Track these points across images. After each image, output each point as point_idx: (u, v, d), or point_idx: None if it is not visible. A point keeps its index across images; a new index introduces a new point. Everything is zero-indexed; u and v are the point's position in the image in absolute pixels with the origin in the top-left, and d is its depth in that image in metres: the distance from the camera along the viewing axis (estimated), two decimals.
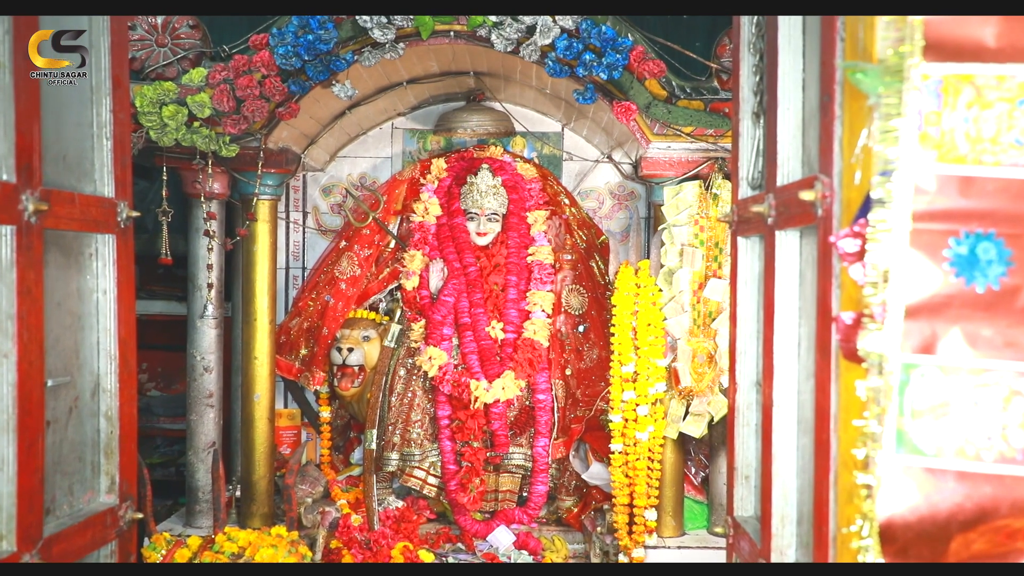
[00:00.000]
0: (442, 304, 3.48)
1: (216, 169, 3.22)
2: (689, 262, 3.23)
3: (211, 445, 3.33)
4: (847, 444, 1.48)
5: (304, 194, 3.78)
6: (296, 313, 3.62)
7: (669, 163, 3.26)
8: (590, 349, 3.54)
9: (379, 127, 3.81)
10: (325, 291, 3.60)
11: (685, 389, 3.25)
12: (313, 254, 3.78)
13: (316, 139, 3.53)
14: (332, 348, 3.53)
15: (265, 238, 3.34)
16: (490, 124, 3.52)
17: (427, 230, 3.57)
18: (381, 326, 3.62)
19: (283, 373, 3.57)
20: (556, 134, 3.81)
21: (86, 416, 2.01)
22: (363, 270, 3.60)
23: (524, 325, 3.48)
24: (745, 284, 2.08)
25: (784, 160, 1.83)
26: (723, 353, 3.17)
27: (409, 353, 3.55)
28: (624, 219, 3.81)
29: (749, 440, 2.06)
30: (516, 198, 3.58)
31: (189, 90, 3.01)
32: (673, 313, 3.26)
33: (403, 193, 3.67)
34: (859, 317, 1.43)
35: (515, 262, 3.54)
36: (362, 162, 3.81)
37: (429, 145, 3.82)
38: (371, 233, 3.63)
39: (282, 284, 3.73)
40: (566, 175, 3.82)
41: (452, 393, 3.43)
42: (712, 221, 3.24)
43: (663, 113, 3.12)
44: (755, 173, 2.03)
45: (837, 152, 1.53)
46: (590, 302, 3.56)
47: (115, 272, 2.00)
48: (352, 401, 3.61)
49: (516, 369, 3.41)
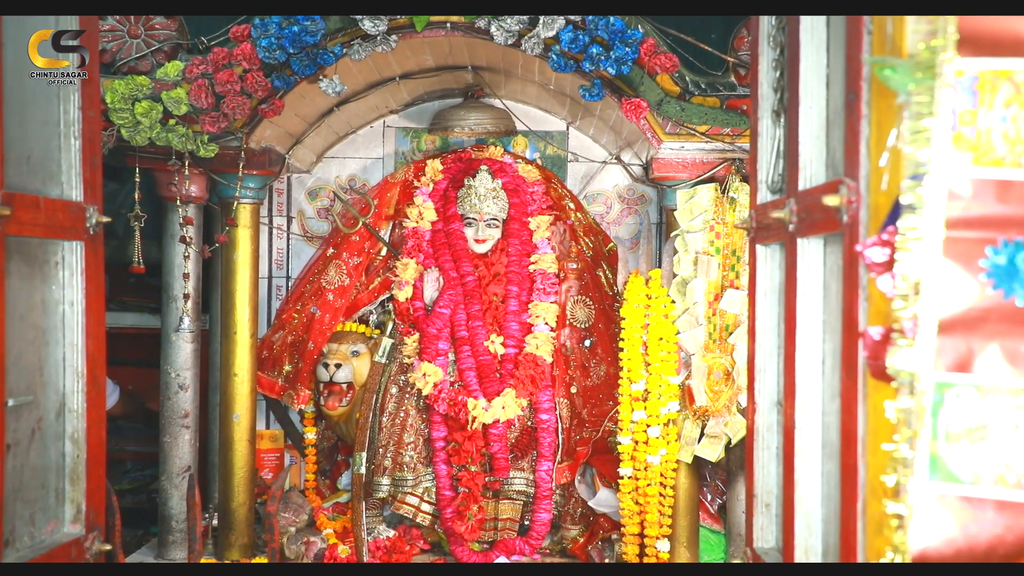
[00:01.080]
0: (437, 316, 3.48)
1: (193, 170, 3.22)
2: (704, 271, 3.23)
3: (186, 469, 3.32)
4: (876, 470, 1.47)
5: (289, 198, 3.78)
6: (279, 326, 3.62)
7: (682, 164, 3.27)
8: (597, 365, 3.54)
9: (370, 126, 3.81)
10: (311, 302, 3.59)
11: (700, 409, 3.25)
12: (298, 262, 3.78)
13: (302, 138, 3.53)
14: (318, 364, 3.52)
15: (246, 245, 3.34)
16: (489, 122, 3.52)
17: (421, 237, 3.57)
18: (371, 340, 3.61)
19: (265, 391, 3.56)
20: (560, 133, 3.82)
21: (50, 439, 2.00)
22: (352, 280, 3.60)
23: (526, 339, 3.48)
24: (764, 296, 2.07)
25: (806, 162, 1.83)
26: (741, 370, 3.16)
27: (402, 369, 3.54)
28: (634, 225, 3.81)
29: (769, 465, 2.05)
30: (517, 202, 3.58)
31: (164, 85, 3.01)
32: (687, 326, 3.26)
33: (395, 197, 3.67)
34: (888, 332, 1.43)
35: (516, 271, 3.53)
36: (351, 163, 3.82)
37: (424, 145, 3.82)
38: (361, 240, 3.63)
39: (264, 295, 3.73)
40: (571, 177, 3.82)
41: (448, 413, 3.42)
42: (729, 227, 3.24)
43: (676, 111, 3.12)
44: (775, 176, 2.03)
45: (864, 154, 1.52)
46: (597, 314, 3.56)
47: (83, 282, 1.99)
48: (340, 421, 3.60)
49: (517, 387, 3.41)
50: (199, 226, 3.35)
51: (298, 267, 3.77)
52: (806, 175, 1.83)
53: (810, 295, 1.82)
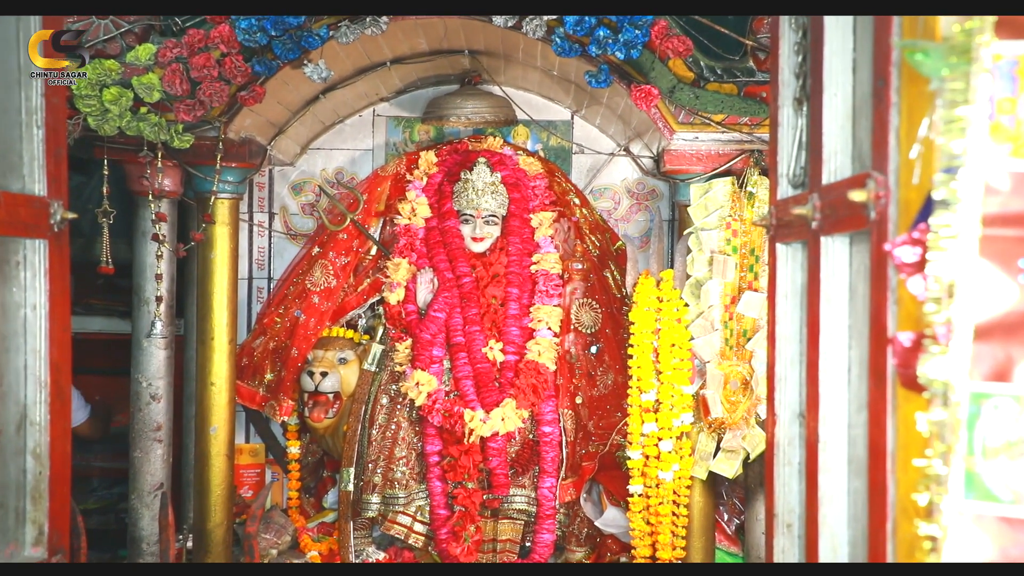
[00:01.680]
0: (432, 321, 3.48)
1: (167, 163, 3.21)
2: (720, 272, 3.22)
3: (158, 487, 3.32)
4: (907, 488, 1.47)
5: (271, 192, 3.78)
6: (260, 331, 3.62)
7: (696, 157, 3.26)
8: (604, 374, 3.54)
9: (358, 114, 3.81)
10: (295, 305, 3.59)
11: (716, 421, 3.24)
12: (281, 262, 3.78)
13: (285, 128, 3.52)
14: (302, 372, 3.53)
15: (224, 243, 3.34)
16: (488, 111, 3.52)
17: (414, 234, 3.57)
18: (360, 347, 3.61)
19: (245, 402, 3.56)
20: (565, 123, 3.82)
21: (10, 454, 1.99)
22: (339, 281, 3.60)
23: (527, 346, 3.48)
24: (785, 298, 2.07)
25: (831, 154, 1.83)
26: (760, 379, 3.16)
27: (393, 378, 3.54)
28: (644, 222, 3.81)
29: (791, 482, 2.05)
30: (518, 197, 3.58)
31: (135, 70, 3.01)
32: (701, 332, 3.25)
33: (386, 191, 3.67)
34: (919, 338, 1.42)
35: (517, 272, 3.53)
36: (338, 155, 3.82)
37: (417, 135, 3.82)
38: (349, 238, 3.63)
39: (244, 297, 3.72)
40: (576, 171, 3.82)
41: (443, 425, 3.42)
42: (747, 224, 3.23)
43: (689, 98, 3.12)
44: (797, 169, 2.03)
45: (893, 145, 1.52)
46: (604, 319, 3.56)
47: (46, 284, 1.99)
48: (326, 435, 3.60)
49: (518, 397, 3.41)
50: (173, 223, 3.34)
51: (281, 267, 3.76)
52: (830, 168, 1.83)
53: (835, 298, 1.82)
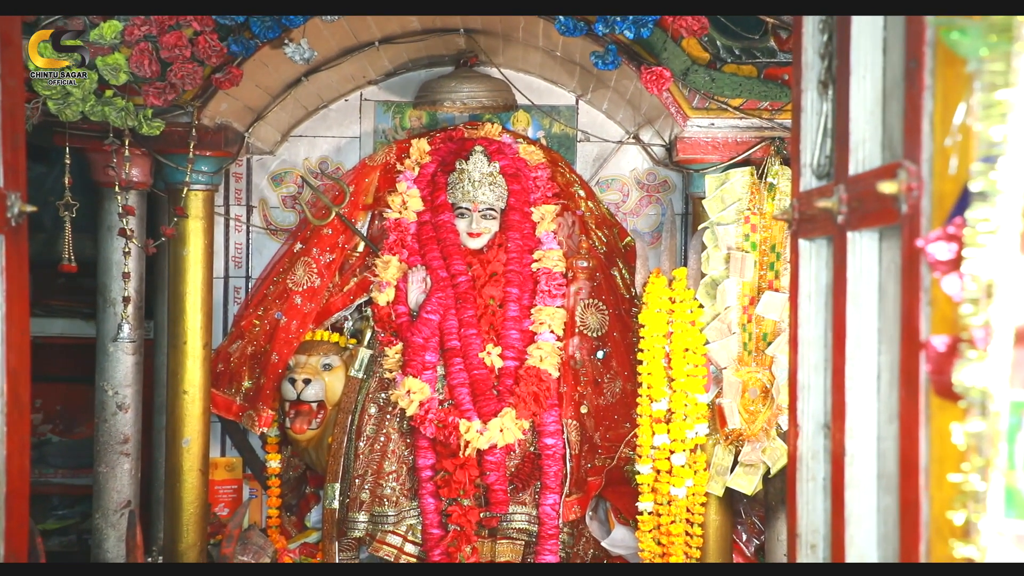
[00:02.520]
0: (424, 323, 3.48)
1: (135, 151, 3.20)
2: (737, 271, 3.22)
3: (125, 505, 3.32)
4: (941, 506, 1.46)
5: (249, 184, 3.78)
6: (238, 335, 3.61)
7: (712, 145, 3.26)
8: (612, 381, 3.53)
9: (344, 99, 3.80)
10: (275, 307, 3.59)
11: (733, 433, 3.24)
12: (260, 260, 3.77)
13: (264, 114, 3.52)
14: (283, 380, 3.52)
15: (198, 239, 3.33)
16: (485, 95, 3.52)
17: (405, 230, 3.57)
18: (346, 351, 3.61)
19: (220, 412, 3.56)
20: (569, 108, 3.81)
21: None
22: (324, 280, 3.59)
23: (528, 350, 3.48)
24: (808, 299, 2.07)
25: (859, 142, 1.82)
26: (781, 387, 3.15)
27: (382, 386, 3.54)
28: (655, 216, 3.81)
29: (815, 499, 2.05)
30: (518, 189, 3.58)
31: (100, 49, 3.00)
32: (717, 335, 3.25)
33: (375, 182, 3.66)
34: (955, 343, 1.42)
35: (516, 270, 3.53)
36: (323, 143, 3.81)
37: (408, 122, 3.81)
38: (334, 233, 3.62)
39: (220, 298, 3.71)
40: (581, 160, 3.81)
41: (436, 437, 3.42)
42: (767, 219, 3.23)
43: (705, 81, 3.12)
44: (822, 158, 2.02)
45: (927, 132, 1.51)
46: (612, 321, 3.55)
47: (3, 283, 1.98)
48: (309, 447, 3.59)
49: (518, 406, 3.40)
50: (142, 217, 3.33)
51: (260, 265, 3.76)
52: (858, 157, 1.82)
53: (863, 298, 1.81)
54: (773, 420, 3.21)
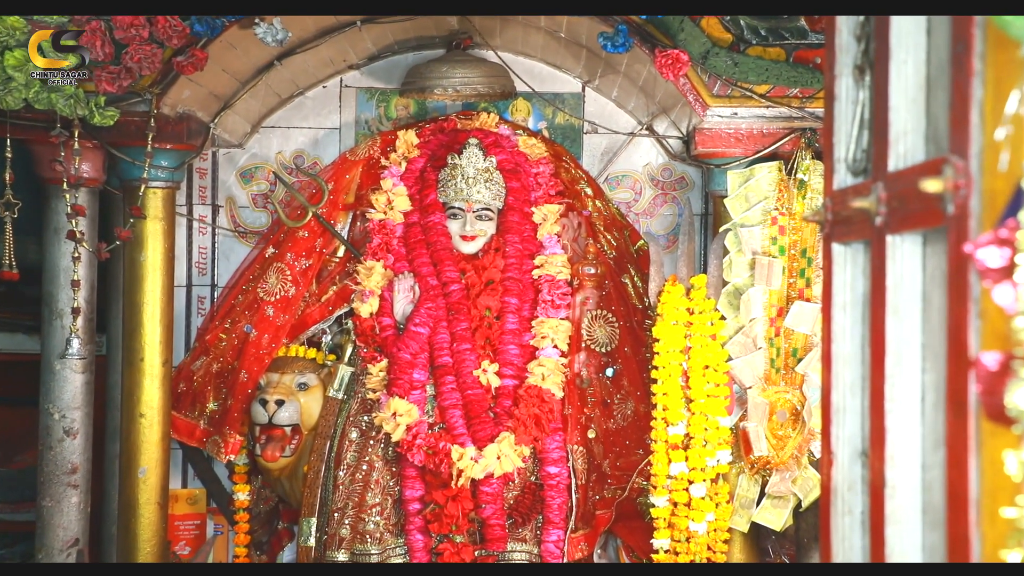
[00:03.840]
0: (412, 337, 3.48)
1: (86, 144, 3.20)
2: (764, 278, 3.22)
3: (73, 543, 3.31)
4: (994, 543, 1.46)
5: (214, 181, 3.78)
6: (202, 351, 3.61)
7: (735, 137, 3.26)
8: (623, 402, 3.53)
9: (322, 85, 3.80)
10: (244, 319, 3.59)
11: (759, 460, 3.24)
12: (227, 266, 3.77)
13: (232, 102, 3.52)
14: (253, 401, 3.52)
15: (157, 243, 3.34)
16: (480, 82, 3.52)
17: (391, 232, 3.57)
18: (324, 369, 3.61)
19: (182, 437, 3.55)
20: (574, 96, 3.81)
21: None
22: (299, 289, 3.60)
23: (529, 368, 3.48)
24: (843, 310, 2.07)
25: (900, 134, 1.83)
26: (814, 409, 3.15)
27: (364, 408, 3.54)
28: (671, 217, 3.81)
29: (852, 536, 2.04)
30: (517, 187, 3.58)
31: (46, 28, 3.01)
32: (741, 351, 3.25)
33: (356, 179, 3.67)
34: (1008, 360, 1.42)
35: (516, 278, 3.53)
36: (298, 135, 3.81)
37: (393, 111, 3.82)
38: (311, 236, 3.62)
39: (181, 309, 3.72)
40: (588, 154, 3.82)
41: (426, 465, 3.41)
42: (796, 220, 3.24)
43: (727, 66, 3.12)
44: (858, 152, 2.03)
45: (975, 123, 1.52)
46: (622, 335, 3.55)
47: None
48: (281, 477, 3.59)
49: (517, 430, 3.40)
50: (93, 218, 3.33)
51: (227, 272, 3.76)
52: (899, 151, 1.82)
53: (904, 310, 1.81)
54: (804, 446, 3.21)
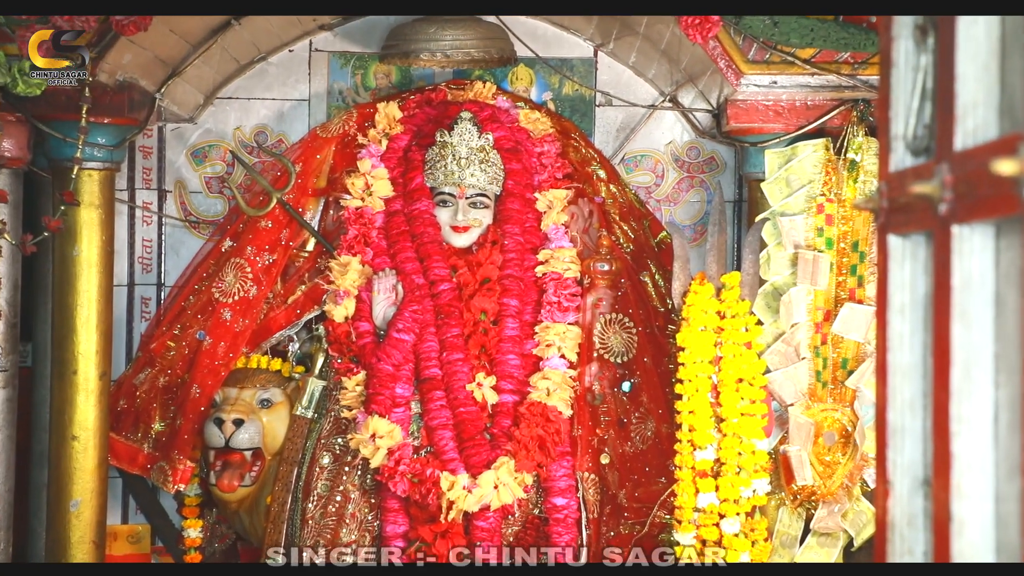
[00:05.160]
0: (394, 346, 3.46)
1: (7, 117, 3.20)
2: (808, 276, 3.21)
3: None
4: None
5: (161, 161, 3.77)
6: (146, 361, 3.60)
7: (774, 110, 3.26)
8: (641, 422, 3.52)
9: (288, 49, 3.80)
10: (196, 324, 3.58)
11: (804, 491, 3.23)
12: (177, 261, 3.77)
13: (181, 69, 3.51)
14: (207, 420, 3.51)
15: (93, 234, 3.33)
16: (474, 45, 3.51)
17: (369, 222, 3.56)
18: (291, 383, 3.60)
19: (122, 464, 3.54)
20: (585, 62, 3.81)
21: None
22: (262, 289, 3.59)
23: (531, 381, 3.46)
24: (901, 314, 2.06)
25: (968, 107, 1.81)
26: (867, 430, 3.14)
27: (338, 428, 3.53)
28: (698, 204, 3.81)
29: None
30: (518, 168, 3.57)
31: None
32: (782, 362, 3.24)
33: (329, 160, 3.66)
34: None
35: (516, 275, 3.52)
36: (260, 108, 3.81)
37: (372, 80, 3.81)
38: (276, 227, 3.62)
39: (122, 312, 3.71)
40: (602, 130, 3.81)
41: (410, 496, 3.40)
42: (847, 208, 3.22)
43: (765, 26, 3.12)
44: (919, 128, 2.01)
45: None
46: (641, 343, 3.54)
47: None
48: (240, 510, 3.58)
49: (518, 455, 3.39)
50: (17, 204, 3.33)
51: (176, 270, 3.75)
52: (967, 127, 1.81)
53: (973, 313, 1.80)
54: (856, 475, 3.20)
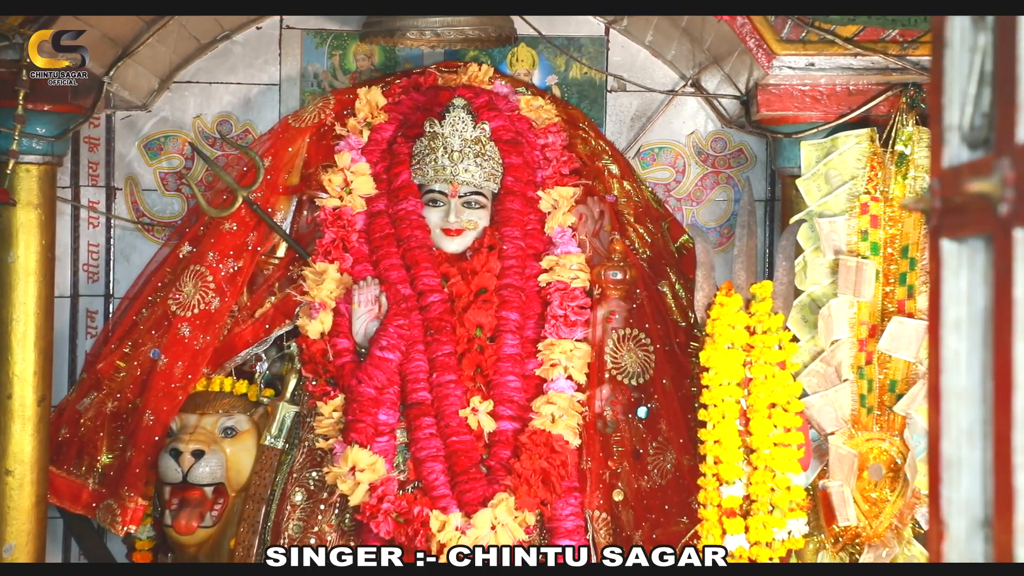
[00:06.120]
0: (377, 366, 3.45)
1: None
2: (851, 286, 3.20)
3: None
4: None
5: (110, 155, 3.80)
6: (92, 384, 3.61)
7: (811, 96, 3.26)
8: (659, 452, 3.52)
9: (256, 26, 3.82)
10: (150, 341, 3.59)
11: (847, 532, 3.23)
12: (128, 268, 3.80)
13: (133, 49, 3.51)
14: (162, 452, 3.50)
15: (31, 238, 3.34)
16: (469, 22, 3.51)
17: (349, 224, 3.57)
18: (259, 408, 3.60)
19: (63, 502, 3.55)
20: (595, 41, 3.82)
21: None
22: (225, 301, 3.61)
23: (534, 406, 3.46)
24: (957, 329, 2.03)
25: None
26: (919, 463, 3.13)
27: (312, 461, 3.53)
28: (724, 203, 3.82)
29: None
30: (518, 163, 3.57)
31: None
32: (820, 384, 3.23)
33: (302, 153, 3.68)
34: None
35: (516, 286, 3.52)
36: (223, 93, 3.83)
37: (352, 62, 3.83)
38: (241, 230, 3.63)
39: (64, 327, 3.74)
40: (614, 120, 3.83)
41: (396, 538, 3.38)
42: (895, 208, 3.21)
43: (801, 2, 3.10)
44: (977, 117, 1.99)
45: None
46: (659, 361, 3.53)
47: None
48: (200, 555, 3.57)
49: (519, 491, 3.38)
50: None
51: (127, 278, 3.78)
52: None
53: None
54: (907, 514, 3.20)
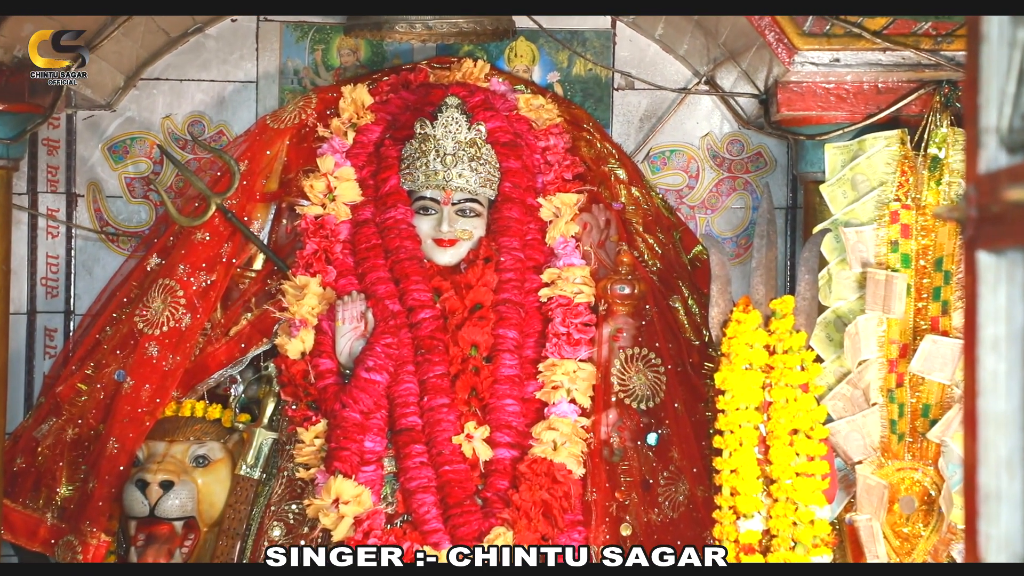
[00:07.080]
0: (363, 388, 3.45)
1: None
2: (880, 302, 3.21)
3: None
4: None
5: (71, 159, 3.80)
6: (51, 408, 3.60)
7: (836, 94, 3.27)
8: (671, 482, 3.53)
9: (231, 18, 3.82)
10: (114, 361, 3.59)
11: None
12: (90, 283, 3.80)
13: (96, 43, 3.51)
14: (128, 483, 3.50)
15: None
16: (463, 16, 3.53)
17: (332, 234, 3.58)
18: (234, 435, 3.61)
19: (18, 539, 3.55)
20: (600, 35, 3.84)
21: None
22: (197, 318, 3.62)
23: (534, 432, 3.47)
24: (995, 349, 2.05)
25: None
26: (955, 494, 3.14)
27: (292, 492, 3.54)
28: (741, 211, 3.84)
29: None
30: (516, 167, 3.58)
31: None
32: (847, 408, 3.24)
33: (281, 156, 3.69)
34: None
35: (514, 300, 3.54)
36: (195, 91, 3.84)
37: (336, 57, 3.84)
38: (215, 240, 3.64)
39: (20, 346, 3.74)
40: (622, 120, 3.84)
41: None
42: (927, 216, 3.23)
43: None
44: (1016, 119, 2.02)
45: None
46: (670, 383, 3.55)
47: None
48: None
49: (518, 525, 3.39)
50: None
51: (89, 293, 3.79)
52: None
53: None
54: (942, 551, 3.20)
